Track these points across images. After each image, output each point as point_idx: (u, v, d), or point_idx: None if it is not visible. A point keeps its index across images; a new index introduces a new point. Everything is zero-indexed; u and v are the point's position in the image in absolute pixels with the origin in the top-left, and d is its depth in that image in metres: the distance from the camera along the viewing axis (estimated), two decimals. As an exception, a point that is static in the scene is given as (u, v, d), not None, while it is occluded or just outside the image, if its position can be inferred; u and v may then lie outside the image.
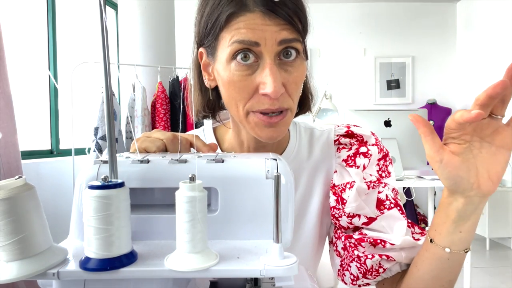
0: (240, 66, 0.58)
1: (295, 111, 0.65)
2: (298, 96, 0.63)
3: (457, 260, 0.57)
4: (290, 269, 0.37)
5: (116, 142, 2.60)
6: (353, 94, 4.57)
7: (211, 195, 0.46)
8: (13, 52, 2.42)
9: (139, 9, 3.05)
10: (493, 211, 3.44)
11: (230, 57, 0.58)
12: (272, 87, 0.56)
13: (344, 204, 0.67)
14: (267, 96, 0.58)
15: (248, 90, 0.59)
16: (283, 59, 0.59)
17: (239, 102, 0.60)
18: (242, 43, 0.56)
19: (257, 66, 0.58)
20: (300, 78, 0.61)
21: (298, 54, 0.60)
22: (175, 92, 2.94)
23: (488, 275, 2.97)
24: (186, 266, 0.35)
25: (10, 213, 0.34)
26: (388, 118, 2.37)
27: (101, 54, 0.37)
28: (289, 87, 0.60)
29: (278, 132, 0.62)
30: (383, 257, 0.64)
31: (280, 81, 0.57)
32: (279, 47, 0.57)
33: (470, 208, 0.53)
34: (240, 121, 0.63)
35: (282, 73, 0.59)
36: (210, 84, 0.67)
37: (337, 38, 4.54)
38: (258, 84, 0.58)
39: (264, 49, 0.57)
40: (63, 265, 0.37)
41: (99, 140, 2.54)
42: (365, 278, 0.66)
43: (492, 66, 3.97)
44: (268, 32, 0.56)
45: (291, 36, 0.58)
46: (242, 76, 0.58)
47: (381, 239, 0.64)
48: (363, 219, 0.66)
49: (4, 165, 1.76)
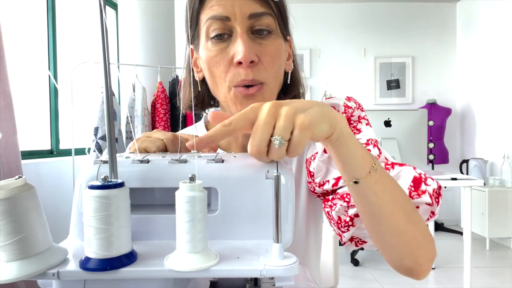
0: (215, 43, 0.63)
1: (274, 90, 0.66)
2: (276, 72, 0.65)
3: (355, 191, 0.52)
4: (290, 269, 0.37)
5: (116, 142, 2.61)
6: (353, 94, 4.55)
7: (211, 195, 0.46)
8: (13, 52, 2.41)
9: (139, 9, 3.05)
10: (493, 211, 3.44)
11: (206, 35, 0.63)
12: (243, 52, 0.59)
13: (313, 177, 0.67)
14: (241, 66, 0.61)
15: (224, 63, 0.63)
16: (256, 35, 0.63)
17: (220, 78, 0.64)
18: (214, 18, 0.61)
19: (231, 40, 0.62)
20: (274, 52, 0.64)
21: (271, 31, 0.63)
22: (175, 92, 2.94)
23: (488, 275, 2.97)
24: (186, 266, 0.35)
25: (10, 213, 0.34)
26: (388, 118, 2.37)
27: (101, 54, 0.37)
28: (263, 58, 0.62)
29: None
30: (343, 204, 0.61)
31: (251, 48, 0.61)
32: (250, 21, 0.61)
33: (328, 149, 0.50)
34: (225, 99, 0.66)
35: (256, 45, 0.62)
36: (199, 76, 0.71)
37: (337, 38, 4.54)
38: (232, 55, 0.62)
39: (235, 23, 0.61)
40: (63, 265, 0.37)
41: (99, 140, 2.54)
42: (340, 231, 0.63)
43: (492, 66, 3.97)
44: (237, 7, 0.61)
45: (261, 10, 0.61)
46: (217, 50, 0.63)
47: (341, 195, 0.61)
48: (332, 182, 0.64)
49: (4, 165, 1.76)
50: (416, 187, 0.58)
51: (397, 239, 0.53)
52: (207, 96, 0.74)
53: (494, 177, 3.62)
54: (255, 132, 0.42)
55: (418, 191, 0.58)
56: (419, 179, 0.58)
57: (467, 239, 2.39)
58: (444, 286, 2.78)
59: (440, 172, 2.87)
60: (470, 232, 2.38)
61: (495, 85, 3.93)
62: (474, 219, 3.51)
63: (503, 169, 3.62)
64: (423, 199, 0.57)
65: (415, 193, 0.57)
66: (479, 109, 4.22)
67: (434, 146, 4.11)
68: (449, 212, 4.56)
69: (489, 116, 4.03)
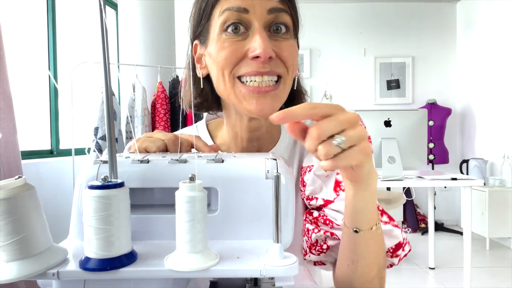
0: (230, 35, 0.59)
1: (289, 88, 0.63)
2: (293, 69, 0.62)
3: (354, 238, 0.56)
4: (290, 269, 0.37)
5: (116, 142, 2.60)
6: (353, 94, 4.57)
7: (211, 195, 0.46)
8: (13, 52, 2.41)
9: (139, 9, 3.05)
10: (493, 211, 3.44)
11: (221, 28, 0.59)
12: (262, 47, 0.56)
13: (304, 187, 0.67)
14: (256, 59, 0.57)
15: (236, 55, 0.59)
16: (273, 33, 0.60)
17: (226, 70, 0.59)
18: (231, 9, 0.58)
19: (247, 35, 0.59)
20: (292, 50, 0.61)
21: (288, 30, 0.61)
22: (175, 92, 2.93)
23: (488, 275, 2.97)
24: (186, 266, 0.35)
25: (10, 213, 0.34)
26: (388, 118, 2.37)
27: (101, 54, 0.37)
28: (281, 54, 0.59)
29: (269, 105, 0.60)
30: (327, 234, 0.63)
31: (270, 45, 0.58)
32: (269, 16, 0.59)
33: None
34: (228, 95, 0.62)
35: (273, 42, 0.59)
36: (202, 73, 0.67)
37: (337, 38, 4.54)
38: (247, 50, 0.58)
39: (253, 16, 0.58)
40: (63, 265, 0.37)
41: (99, 140, 2.54)
42: (311, 252, 0.66)
43: (492, 66, 3.97)
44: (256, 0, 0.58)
45: (281, 6, 0.59)
46: (231, 42, 0.59)
47: (330, 220, 0.63)
48: (320, 201, 0.66)
49: (4, 165, 1.76)
50: (395, 250, 0.63)
51: (362, 283, 0.58)
52: (211, 95, 0.70)
53: (494, 177, 3.62)
54: (330, 120, 0.42)
55: (394, 254, 0.64)
56: (400, 244, 0.64)
57: (467, 239, 2.39)
58: (444, 286, 2.78)
59: (440, 172, 2.87)
60: (470, 232, 2.39)
61: (495, 85, 3.93)
62: (474, 219, 3.51)
63: (503, 169, 3.62)
64: (393, 260, 0.64)
65: (390, 254, 0.64)
66: (479, 109, 4.22)
67: (434, 146, 4.10)
68: (449, 212, 4.56)
69: (489, 116, 4.03)
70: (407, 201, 3.88)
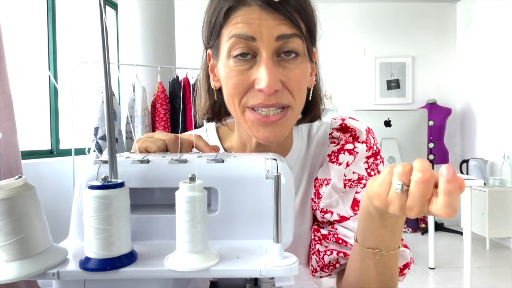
0: (237, 62, 0.58)
1: (298, 113, 0.63)
2: (301, 96, 0.61)
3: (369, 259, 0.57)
4: (290, 269, 0.37)
5: (116, 142, 2.60)
6: (353, 94, 4.57)
7: (211, 195, 0.46)
8: (13, 52, 2.41)
9: (139, 9, 3.05)
10: (493, 211, 3.44)
11: (228, 53, 0.59)
12: (267, 81, 0.55)
13: (320, 199, 0.67)
14: (262, 92, 0.57)
15: (243, 85, 0.58)
16: (282, 57, 0.58)
17: (235, 98, 0.60)
18: (238, 37, 0.56)
19: (254, 62, 0.58)
20: (301, 76, 0.60)
21: (298, 54, 0.59)
22: (175, 92, 2.93)
23: (488, 275, 2.97)
24: (186, 266, 0.35)
25: (10, 213, 0.34)
26: (388, 118, 2.37)
27: (101, 54, 0.37)
28: (288, 83, 0.58)
29: (276, 133, 0.60)
30: (341, 255, 0.65)
31: (276, 76, 0.56)
32: (277, 43, 0.57)
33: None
34: (238, 119, 0.63)
35: (280, 70, 0.58)
36: (215, 85, 0.66)
37: (337, 38, 4.54)
38: (254, 80, 0.58)
39: (261, 44, 0.56)
40: (63, 265, 0.37)
41: (99, 140, 2.54)
42: (322, 271, 0.68)
43: (492, 66, 3.97)
44: (264, 27, 0.56)
45: (290, 32, 0.57)
46: (239, 71, 0.58)
47: (343, 240, 0.64)
48: (335, 216, 0.66)
49: (4, 165, 1.76)
50: (402, 269, 0.65)
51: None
52: (223, 106, 0.69)
53: (494, 177, 3.62)
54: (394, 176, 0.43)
55: (401, 273, 0.65)
56: (407, 264, 0.65)
57: (467, 239, 2.39)
58: (444, 286, 2.78)
59: (440, 172, 2.86)
60: (470, 232, 2.39)
61: (495, 85, 3.93)
62: (474, 219, 3.51)
63: (503, 169, 3.62)
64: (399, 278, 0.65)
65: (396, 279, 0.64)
66: (479, 109, 4.22)
67: (434, 146, 4.10)
68: (449, 212, 4.56)
69: (489, 116, 4.03)
70: (407, 201, 3.87)
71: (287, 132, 0.63)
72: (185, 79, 2.98)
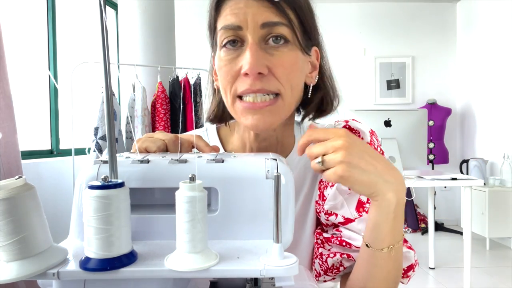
0: (227, 51, 0.60)
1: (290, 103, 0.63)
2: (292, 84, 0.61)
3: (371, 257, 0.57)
4: (290, 269, 0.37)
5: (116, 142, 2.60)
6: (353, 94, 4.57)
7: (211, 195, 0.46)
8: (13, 52, 2.41)
9: (139, 9, 3.05)
10: (493, 211, 3.44)
11: (220, 45, 0.61)
12: (249, 63, 0.56)
13: (324, 201, 0.67)
14: (247, 77, 0.58)
15: (232, 73, 0.60)
16: (270, 44, 0.59)
17: (226, 88, 0.61)
18: (226, 27, 0.59)
19: (242, 51, 0.59)
20: (289, 63, 0.60)
21: (287, 42, 0.59)
22: (175, 92, 2.93)
23: (488, 275, 2.97)
24: (186, 266, 0.35)
25: (10, 213, 0.34)
26: (388, 118, 2.37)
27: (101, 54, 0.37)
28: (275, 69, 0.59)
29: (264, 120, 0.60)
30: (344, 256, 0.64)
31: (259, 59, 0.57)
32: (263, 30, 0.58)
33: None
34: (231, 112, 0.64)
35: (268, 56, 0.58)
36: (217, 85, 0.68)
37: (337, 38, 4.54)
38: (241, 67, 0.59)
39: (247, 32, 0.58)
40: (63, 265, 0.37)
41: (99, 140, 2.54)
42: (326, 275, 0.68)
43: (492, 66, 3.97)
44: (250, 15, 0.57)
45: (275, 19, 0.57)
46: (227, 60, 0.60)
47: (347, 242, 0.64)
48: (339, 218, 0.66)
49: (4, 165, 1.76)
50: (406, 271, 0.65)
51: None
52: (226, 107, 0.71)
53: (494, 177, 3.62)
54: (319, 144, 0.52)
55: (405, 275, 0.65)
56: (412, 266, 0.65)
57: (467, 239, 2.39)
58: (444, 286, 2.78)
59: (440, 172, 2.87)
60: (470, 232, 2.38)
61: (495, 85, 3.93)
62: (474, 219, 3.51)
63: (503, 169, 3.61)
64: (403, 280, 0.66)
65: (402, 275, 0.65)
66: (479, 109, 4.22)
67: (434, 146, 4.10)
68: (449, 212, 4.56)
69: (489, 116, 4.03)
70: (407, 201, 3.87)
71: (278, 121, 0.62)
72: (185, 79, 2.98)
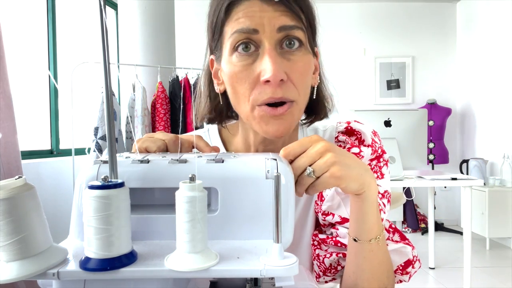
0: (241, 57, 0.58)
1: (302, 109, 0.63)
2: (305, 90, 0.61)
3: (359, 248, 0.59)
4: (290, 269, 0.37)
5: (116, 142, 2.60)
6: (353, 94, 4.57)
7: (211, 195, 0.46)
8: (13, 52, 2.41)
9: (139, 9, 3.05)
10: (493, 211, 3.44)
11: (232, 49, 0.58)
12: (271, 70, 0.55)
13: (322, 202, 0.68)
14: (268, 84, 0.56)
15: (249, 80, 0.58)
16: (285, 48, 0.58)
17: (243, 96, 0.59)
18: (241, 31, 0.57)
19: (257, 56, 0.58)
20: (304, 68, 0.60)
21: (302, 44, 0.59)
22: (175, 92, 2.93)
23: (488, 275, 2.97)
24: (186, 266, 0.35)
25: (10, 213, 0.34)
26: (388, 118, 2.37)
27: (101, 54, 0.37)
28: (292, 76, 0.58)
29: (285, 126, 0.60)
30: (340, 255, 0.65)
31: (280, 66, 0.56)
32: (279, 34, 0.57)
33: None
34: (247, 118, 0.62)
35: (285, 61, 0.57)
36: (220, 89, 0.66)
37: (337, 38, 4.54)
38: (259, 73, 0.57)
39: (263, 36, 0.56)
40: (63, 265, 0.37)
41: (99, 140, 2.54)
42: (325, 275, 0.68)
43: (492, 66, 3.97)
44: (266, 19, 0.56)
45: (291, 23, 0.57)
46: (243, 66, 0.58)
47: (341, 242, 0.65)
48: (336, 218, 0.67)
49: (4, 165, 1.76)
50: (404, 267, 0.65)
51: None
52: (225, 109, 0.70)
53: (494, 177, 3.62)
54: (301, 157, 0.49)
55: (404, 271, 0.66)
56: (409, 262, 0.65)
57: (467, 239, 2.39)
58: (444, 286, 2.78)
59: (440, 172, 2.87)
60: (470, 232, 2.38)
61: (495, 85, 3.93)
62: (474, 219, 3.51)
63: (503, 169, 3.61)
64: (403, 277, 0.66)
65: (400, 271, 0.66)
66: (479, 109, 4.22)
67: (434, 146, 4.10)
68: (449, 212, 4.56)
69: (489, 116, 4.03)
70: (407, 201, 3.88)
71: (294, 126, 0.62)
72: (185, 79, 2.98)
